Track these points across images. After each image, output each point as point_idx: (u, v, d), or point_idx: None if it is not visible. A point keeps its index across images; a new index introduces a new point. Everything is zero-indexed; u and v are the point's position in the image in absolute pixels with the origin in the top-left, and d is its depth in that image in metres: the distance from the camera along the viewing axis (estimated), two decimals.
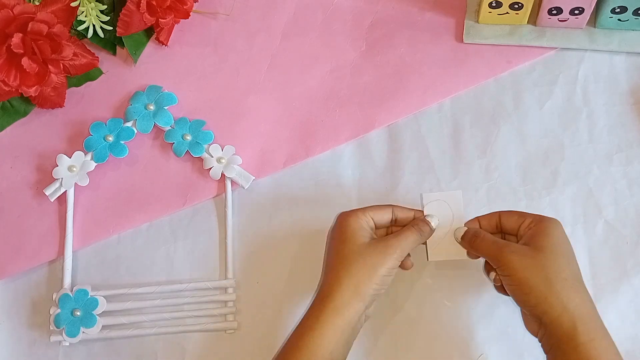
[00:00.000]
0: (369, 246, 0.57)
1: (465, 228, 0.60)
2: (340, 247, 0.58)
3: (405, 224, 0.60)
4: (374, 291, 0.56)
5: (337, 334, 0.54)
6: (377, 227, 0.60)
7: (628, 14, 0.67)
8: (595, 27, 0.70)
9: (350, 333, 0.55)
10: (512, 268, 0.54)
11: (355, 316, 0.55)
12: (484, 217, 0.60)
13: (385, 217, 0.60)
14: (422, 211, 0.61)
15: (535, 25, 0.70)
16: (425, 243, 0.61)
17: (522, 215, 0.58)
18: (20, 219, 0.68)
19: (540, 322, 0.53)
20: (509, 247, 0.55)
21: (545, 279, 0.52)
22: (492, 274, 0.57)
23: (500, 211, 0.60)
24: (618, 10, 0.67)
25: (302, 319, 0.56)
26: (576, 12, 0.67)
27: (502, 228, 0.60)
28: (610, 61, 0.70)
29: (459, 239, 0.60)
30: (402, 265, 0.60)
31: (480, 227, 0.60)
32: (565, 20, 0.69)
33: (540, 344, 0.55)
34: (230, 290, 0.65)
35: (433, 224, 0.60)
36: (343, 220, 0.59)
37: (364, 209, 0.59)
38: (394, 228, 0.61)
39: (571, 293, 0.52)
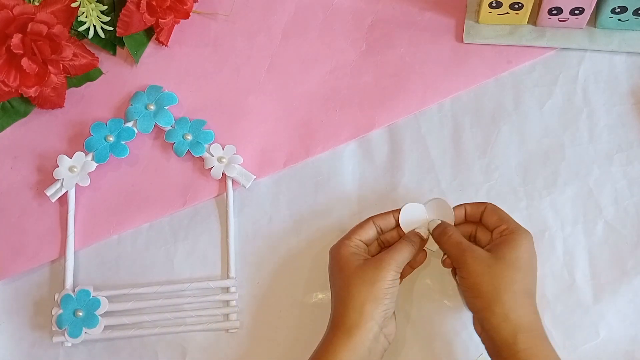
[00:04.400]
0: (363, 266, 0.58)
1: (439, 221, 0.60)
2: (339, 275, 0.59)
3: (390, 230, 0.62)
4: (381, 307, 0.56)
5: (349, 355, 0.55)
6: (368, 245, 0.61)
7: (628, 14, 0.67)
8: (595, 27, 0.70)
9: (365, 354, 0.56)
10: (468, 271, 0.56)
11: (369, 335, 0.56)
12: (472, 204, 0.62)
13: (370, 232, 0.61)
14: (399, 209, 0.62)
15: (536, 25, 0.70)
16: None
17: (501, 218, 0.59)
18: (21, 219, 0.68)
19: (482, 327, 0.55)
20: (471, 251, 0.57)
21: (494, 287, 0.54)
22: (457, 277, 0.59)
23: (488, 204, 0.61)
24: (618, 10, 0.67)
25: (317, 347, 0.57)
26: (576, 12, 0.67)
27: (482, 221, 0.61)
28: (611, 61, 0.70)
29: (430, 230, 0.61)
30: (413, 264, 0.61)
31: (466, 213, 0.61)
32: (566, 20, 0.69)
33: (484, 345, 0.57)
34: (232, 289, 0.65)
35: (423, 234, 0.61)
36: (335, 252, 0.60)
37: (348, 235, 0.60)
38: (383, 237, 0.62)
39: (516, 305, 0.54)
